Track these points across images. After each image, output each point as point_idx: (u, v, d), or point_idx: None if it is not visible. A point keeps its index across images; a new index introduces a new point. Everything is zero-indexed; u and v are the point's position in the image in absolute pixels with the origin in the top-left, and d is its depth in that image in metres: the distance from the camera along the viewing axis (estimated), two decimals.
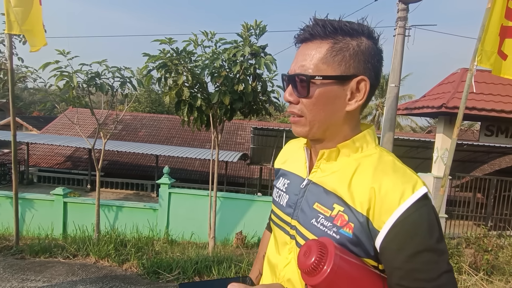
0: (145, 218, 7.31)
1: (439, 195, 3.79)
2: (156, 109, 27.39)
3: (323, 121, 0.70)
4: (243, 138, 17.16)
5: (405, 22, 5.54)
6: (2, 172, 13.25)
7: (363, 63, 0.68)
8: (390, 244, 0.60)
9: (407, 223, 0.59)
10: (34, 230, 7.16)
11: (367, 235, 0.63)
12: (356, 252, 0.64)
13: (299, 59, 0.70)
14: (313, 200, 0.72)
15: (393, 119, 5.60)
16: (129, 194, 13.46)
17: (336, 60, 0.67)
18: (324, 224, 0.68)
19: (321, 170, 0.75)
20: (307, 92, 0.68)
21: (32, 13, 4.08)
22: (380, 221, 0.61)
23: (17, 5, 3.96)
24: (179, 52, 4.57)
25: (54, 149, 15.44)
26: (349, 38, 0.68)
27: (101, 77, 5.33)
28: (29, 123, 20.77)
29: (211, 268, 3.18)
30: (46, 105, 5.95)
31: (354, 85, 0.68)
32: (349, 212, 0.65)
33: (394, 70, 5.53)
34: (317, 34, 0.69)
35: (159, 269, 3.06)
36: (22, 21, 4.00)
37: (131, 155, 15.01)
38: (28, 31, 4.05)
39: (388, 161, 0.69)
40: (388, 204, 0.61)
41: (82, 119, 15.02)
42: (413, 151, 10.07)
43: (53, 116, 22.49)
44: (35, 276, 2.86)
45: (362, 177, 0.67)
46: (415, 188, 0.62)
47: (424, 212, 0.61)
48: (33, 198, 7.45)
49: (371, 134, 0.75)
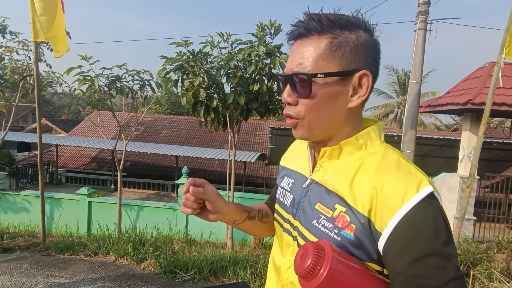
0: (165, 218, 7.47)
1: (464, 196, 3.59)
2: (176, 110, 27.96)
3: (325, 121, 0.67)
4: (261, 138, 17.15)
5: (427, 16, 5.32)
6: (34, 173, 13.97)
7: (363, 57, 0.65)
8: (392, 247, 0.57)
9: (410, 224, 0.56)
10: (62, 228, 7.52)
11: (369, 237, 0.60)
12: (358, 255, 0.61)
13: (296, 57, 0.66)
14: (315, 200, 0.70)
15: (415, 117, 5.39)
16: (151, 194, 13.82)
17: (337, 56, 0.63)
18: (325, 225, 0.65)
19: (323, 169, 0.72)
20: (308, 91, 0.64)
21: (56, 20, 4.27)
22: (382, 223, 0.58)
23: (42, 14, 4.15)
24: (195, 54, 4.63)
25: (80, 150, 16.13)
26: (348, 32, 0.65)
27: (121, 80, 5.51)
28: (58, 126, 21.80)
29: (226, 268, 3.19)
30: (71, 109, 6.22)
31: (356, 81, 0.65)
32: (351, 213, 0.62)
33: (416, 66, 5.32)
34: (313, 29, 0.64)
35: (175, 269, 3.10)
36: (47, 28, 4.19)
37: (152, 156, 15.40)
38: (52, 38, 4.22)
39: (393, 159, 0.65)
40: (390, 205, 0.58)
41: (106, 121, 15.56)
42: (438, 150, 9.66)
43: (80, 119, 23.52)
44: (59, 273, 2.98)
45: (364, 176, 0.63)
46: (419, 187, 0.58)
47: (429, 213, 0.57)
48: (60, 198, 7.82)
49: (376, 131, 0.71)
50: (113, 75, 5.38)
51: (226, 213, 0.80)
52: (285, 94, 0.68)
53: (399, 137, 7.07)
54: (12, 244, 4.02)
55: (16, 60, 6.24)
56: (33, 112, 23.03)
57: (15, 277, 2.91)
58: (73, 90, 6.01)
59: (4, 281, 2.85)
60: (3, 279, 2.87)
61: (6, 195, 7.96)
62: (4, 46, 6.00)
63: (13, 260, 3.37)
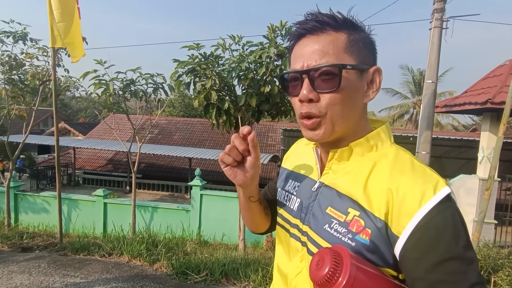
0: (178, 219, 7.55)
1: (484, 199, 3.46)
2: (189, 113, 28.30)
3: (345, 117, 0.65)
4: (273, 140, 17.12)
5: (442, 14, 5.18)
6: (53, 174, 14.43)
7: (372, 54, 0.68)
8: (411, 251, 0.55)
9: (430, 227, 0.54)
10: (79, 229, 7.71)
11: (385, 241, 0.58)
12: (374, 260, 0.59)
13: (314, 51, 0.63)
14: (326, 204, 0.68)
15: (431, 117, 5.24)
16: (165, 196, 14.00)
17: (354, 51, 0.64)
18: (338, 230, 0.63)
19: (333, 171, 0.70)
20: (337, 84, 0.61)
21: (73, 26, 4.40)
22: (400, 226, 0.56)
23: (60, 20, 4.29)
24: (206, 56, 4.67)
25: (96, 152, 16.54)
26: (357, 30, 0.66)
27: (135, 83, 5.62)
28: (76, 129, 22.45)
29: (238, 270, 3.18)
30: (87, 112, 6.40)
31: (370, 76, 0.66)
32: (366, 216, 0.60)
33: (431, 66, 5.19)
34: (329, 24, 0.64)
35: (187, 270, 3.12)
36: (64, 35, 4.32)
37: (166, 158, 15.62)
38: (69, 43, 4.36)
39: (406, 160, 0.63)
40: (407, 207, 0.56)
41: (122, 124, 15.90)
42: (455, 151, 9.38)
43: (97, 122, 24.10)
44: (74, 272, 3.05)
45: (378, 178, 0.62)
46: (436, 189, 0.56)
47: (448, 215, 0.55)
48: (77, 199, 8.02)
49: (385, 132, 0.70)
50: (127, 78, 5.51)
51: (254, 181, 0.76)
52: (305, 91, 0.64)
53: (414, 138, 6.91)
54: (31, 244, 4.15)
55: (36, 66, 6.49)
56: (53, 116, 23.78)
57: (34, 276, 3.00)
58: (89, 94, 6.18)
59: (23, 279, 2.94)
60: (22, 278, 2.96)
61: (26, 196, 8.24)
62: (25, 52, 6.25)
63: (32, 259, 3.48)
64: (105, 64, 5.11)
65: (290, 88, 0.68)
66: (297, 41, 0.67)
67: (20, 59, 6.20)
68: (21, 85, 6.39)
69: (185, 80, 4.88)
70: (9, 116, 6.44)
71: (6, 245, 4.05)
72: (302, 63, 0.64)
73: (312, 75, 0.63)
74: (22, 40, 6.00)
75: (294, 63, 0.67)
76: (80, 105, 41.09)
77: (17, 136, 10.81)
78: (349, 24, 0.65)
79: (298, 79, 0.65)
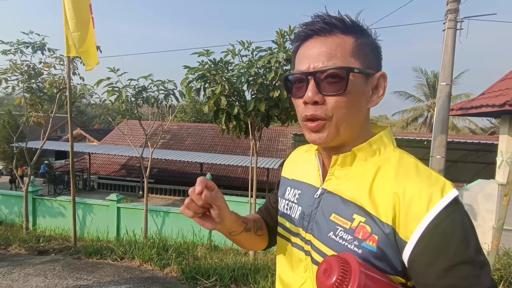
0: (189, 224, 7.57)
1: (503, 205, 3.33)
2: (201, 118, 28.61)
3: (350, 121, 0.64)
4: (284, 145, 17.06)
5: (456, 14, 5.07)
6: (69, 179, 14.79)
7: (378, 59, 0.67)
8: (421, 256, 0.53)
9: (439, 231, 0.53)
10: (93, 233, 7.85)
11: (393, 247, 0.57)
12: (381, 267, 0.57)
13: (321, 52, 0.62)
14: (330, 211, 0.66)
15: (445, 121, 5.11)
16: (177, 200, 14.13)
17: (361, 55, 0.63)
18: (343, 237, 0.62)
19: (335, 177, 0.68)
20: (344, 87, 0.60)
21: (88, 36, 4.55)
22: (407, 231, 0.55)
23: (75, 30, 4.44)
24: (216, 62, 4.72)
25: (110, 158, 16.89)
26: (365, 34, 0.66)
27: (147, 90, 5.73)
28: (91, 135, 23.02)
29: (248, 276, 3.16)
30: (100, 118, 6.56)
31: (376, 81, 0.66)
32: (372, 222, 0.59)
33: (445, 67, 5.07)
34: (337, 26, 0.63)
35: (197, 275, 3.13)
36: (79, 44, 4.47)
37: (178, 163, 15.80)
38: (83, 52, 4.50)
39: (410, 163, 0.62)
40: (414, 211, 0.55)
41: (135, 130, 16.20)
42: (472, 155, 9.09)
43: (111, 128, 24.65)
44: (87, 276, 3.11)
45: (383, 182, 0.60)
46: (444, 192, 0.55)
47: (457, 218, 0.54)
48: (92, 203, 8.18)
49: (388, 136, 0.69)
50: (139, 85, 5.62)
51: (227, 223, 0.70)
52: (310, 93, 0.62)
53: (428, 142, 6.75)
54: (47, 247, 4.26)
55: (53, 75, 6.71)
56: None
57: (49, 279, 3.07)
58: (103, 101, 6.34)
59: (39, 282, 3.01)
60: (38, 280, 3.04)
61: (44, 200, 8.48)
62: (43, 62, 6.48)
63: (47, 262, 3.56)
64: (118, 71, 5.24)
65: (294, 90, 0.67)
66: (303, 42, 0.66)
67: (38, 68, 6.43)
68: (39, 93, 6.62)
69: (195, 86, 4.94)
70: (28, 123, 6.67)
71: (23, 248, 4.17)
72: (308, 65, 0.63)
73: (318, 77, 0.62)
74: (40, 50, 6.22)
75: (299, 64, 0.66)
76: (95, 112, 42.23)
77: (36, 143, 11.18)
78: (357, 28, 0.64)
79: (303, 80, 0.64)
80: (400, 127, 26.43)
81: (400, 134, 13.42)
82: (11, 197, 8.67)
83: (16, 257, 3.76)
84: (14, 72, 6.18)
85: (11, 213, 8.52)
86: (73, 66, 6.35)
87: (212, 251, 6.24)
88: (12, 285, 2.90)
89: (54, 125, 24.56)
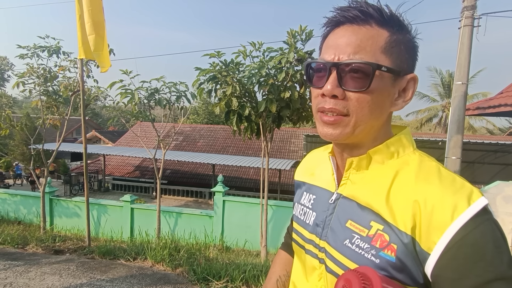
0: (201, 224, 7.62)
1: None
2: (213, 120, 28.81)
3: (369, 122, 0.58)
4: (296, 146, 16.97)
5: (473, 11, 4.92)
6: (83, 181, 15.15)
7: (412, 60, 0.61)
8: (446, 271, 0.49)
9: (466, 244, 0.48)
10: (107, 233, 7.99)
11: (414, 259, 0.52)
12: (402, 279, 0.53)
13: (350, 43, 0.57)
14: (346, 217, 0.62)
15: (461, 121, 4.96)
16: (189, 201, 14.25)
17: (394, 52, 0.57)
18: (360, 246, 0.58)
19: (351, 181, 0.64)
20: (368, 84, 0.55)
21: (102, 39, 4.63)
22: (430, 242, 0.51)
23: (90, 33, 4.53)
24: (227, 64, 4.74)
25: (125, 159, 17.19)
26: (402, 30, 0.59)
27: (159, 92, 5.80)
28: (105, 137, 23.53)
29: (259, 277, 3.14)
30: (114, 120, 6.68)
31: (404, 83, 0.60)
32: (390, 231, 0.55)
33: (461, 66, 4.93)
34: (373, 16, 0.57)
35: (208, 276, 3.12)
36: (94, 47, 4.56)
37: (190, 164, 15.94)
38: (98, 55, 4.59)
39: (432, 167, 0.57)
40: (438, 221, 0.50)
41: (148, 131, 16.45)
42: (490, 156, 8.80)
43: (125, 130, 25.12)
44: (100, 276, 3.15)
45: (402, 188, 0.56)
46: (471, 200, 0.51)
47: (487, 230, 0.49)
48: (106, 204, 8.34)
49: (407, 137, 0.64)
50: (151, 87, 5.70)
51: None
52: (330, 85, 0.57)
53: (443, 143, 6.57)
54: (63, 247, 4.35)
55: (68, 78, 6.89)
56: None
57: (63, 278, 3.13)
58: (116, 103, 6.46)
59: (54, 281, 3.07)
60: (53, 279, 3.10)
61: (60, 201, 8.70)
62: (58, 65, 6.66)
63: (63, 261, 3.64)
64: (130, 74, 5.32)
65: (314, 78, 0.62)
66: (333, 28, 0.61)
67: (54, 71, 6.61)
68: (55, 96, 6.80)
69: (207, 87, 4.97)
70: (44, 126, 6.86)
71: (40, 248, 4.27)
72: (333, 54, 0.58)
73: (341, 69, 0.57)
74: (56, 54, 6.40)
75: (325, 52, 0.60)
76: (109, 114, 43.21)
77: (52, 144, 11.50)
78: (395, 22, 0.58)
79: (325, 70, 0.59)
80: (414, 127, 25.90)
81: (414, 135, 13.14)
82: (29, 198, 8.93)
83: (33, 256, 3.85)
84: (31, 75, 6.37)
85: (29, 213, 8.78)
86: (87, 68, 6.50)
87: (224, 252, 6.26)
88: (29, 284, 2.97)
89: (70, 127, 25.20)
